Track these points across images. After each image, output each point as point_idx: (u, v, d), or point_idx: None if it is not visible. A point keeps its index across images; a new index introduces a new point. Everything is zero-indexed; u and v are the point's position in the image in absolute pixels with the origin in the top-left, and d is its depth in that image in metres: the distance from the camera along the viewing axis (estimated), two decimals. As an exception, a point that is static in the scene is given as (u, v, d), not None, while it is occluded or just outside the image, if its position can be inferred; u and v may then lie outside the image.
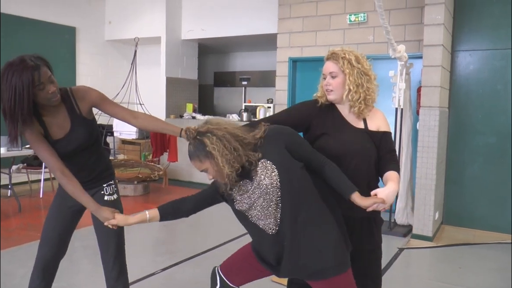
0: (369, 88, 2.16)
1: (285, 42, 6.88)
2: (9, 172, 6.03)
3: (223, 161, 1.89)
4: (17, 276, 3.81)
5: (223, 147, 1.90)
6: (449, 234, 5.36)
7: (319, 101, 2.26)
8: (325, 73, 2.22)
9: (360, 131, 2.19)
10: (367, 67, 2.18)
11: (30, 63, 2.08)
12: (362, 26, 6.23)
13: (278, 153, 1.97)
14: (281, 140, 1.99)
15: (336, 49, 2.21)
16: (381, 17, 4.22)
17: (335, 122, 2.21)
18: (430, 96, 4.98)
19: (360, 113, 2.18)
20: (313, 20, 6.59)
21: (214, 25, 8.03)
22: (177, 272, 3.98)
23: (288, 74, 6.92)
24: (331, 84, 2.17)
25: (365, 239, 2.22)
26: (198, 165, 1.97)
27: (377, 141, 2.20)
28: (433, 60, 4.94)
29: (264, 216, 1.99)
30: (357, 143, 2.16)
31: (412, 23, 5.83)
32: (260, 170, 1.97)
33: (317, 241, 1.96)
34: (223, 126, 1.96)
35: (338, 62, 2.15)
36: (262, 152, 1.97)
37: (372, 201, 1.94)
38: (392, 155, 2.20)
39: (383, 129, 2.23)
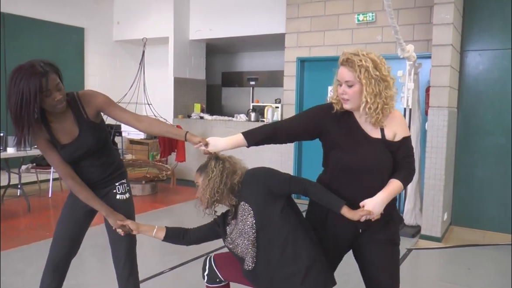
0: (388, 96, 2.03)
1: (293, 42, 6.87)
2: (19, 171, 6.07)
3: (209, 185, 2.15)
4: (27, 274, 3.83)
5: (219, 177, 2.15)
6: (458, 235, 5.33)
7: (334, 107, 2.14)
8: (340, 80, 2.08)
9: (376, 142, 2.09)
10: (386, 72, 2.03)
11: (39, 69, 2.09)
12: (371, 25, 6.20)
13: (256, 196, 2.14)
14: (258, 182, 2.16)
15: (351, 52, 2.04)
16: (390, 17, 4.20)
17: (351, 131, 2.12)
18: (439, 97, 4.95)
19: (377, 123, 2.07)
20: (321, 20, 6.58)
21: (222, 25, 8.03)
22: (185, 272, 3.99)
23: (296, 74, 6.92)
24: (347, 93, 2.04)
25: (381, 231, 2.16)
26: (197, 177, 2.25)
27: (395, 149, 2.10)
28: (442, 60, 4.91)
29: (244, 253, 2.18)
30: (373, 156, 2.07)
31: (421, 22, 5.80)
32: (240, 212, 2.17)
33: (291, 281, 2.08)
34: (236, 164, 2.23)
35: (354, 71, 2.00)
36: (241, 196, 2.17)
37: (359, 214, 2.02)
38: (406, 160, 2.12)
39: (400, 134, 2.11)
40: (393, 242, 2.20)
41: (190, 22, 8.47)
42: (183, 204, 6.63)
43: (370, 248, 2.19)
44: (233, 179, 2.18)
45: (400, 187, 2.08)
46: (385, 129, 2.10)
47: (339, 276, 2.40)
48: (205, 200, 2.18)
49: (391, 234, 2.19)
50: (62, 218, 2.53)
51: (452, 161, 5.45)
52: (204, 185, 2.18)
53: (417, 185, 5.36)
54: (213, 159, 2.22)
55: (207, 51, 9.11)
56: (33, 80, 2.06)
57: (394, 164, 2.12)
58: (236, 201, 2.19)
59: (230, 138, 2.20)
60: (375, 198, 2.04)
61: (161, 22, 8.27)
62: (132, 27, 8.72)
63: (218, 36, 8.18)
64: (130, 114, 2.38)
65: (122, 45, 9.18)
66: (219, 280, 2.44)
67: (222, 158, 2.23)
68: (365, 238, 2.18)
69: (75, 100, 2.32)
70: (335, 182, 2.14)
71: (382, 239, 2.17)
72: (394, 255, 2.22)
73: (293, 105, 6.99)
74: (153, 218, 5.84)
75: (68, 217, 2.52)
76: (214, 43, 8.98)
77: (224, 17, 8.01)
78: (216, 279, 2.44)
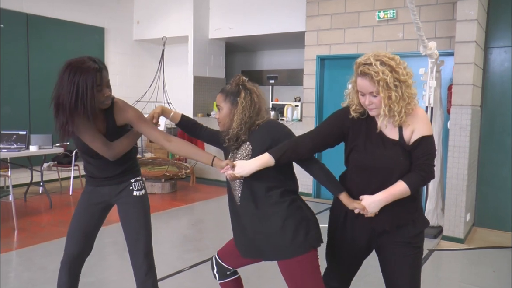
0: (409, 96, 1.98)
1: (313, 40, 6.82)
2: (41, 169, 6.17)
3: (238, 117, 2.21)
4: (49, 270, 3.89)
5: (248, 110, 2.21)
6: (481, 236, 5.22)
7: (351, 113, 2.11)
8: (362, 91, 2.02)
9: (393, 143, 2.05)
10: (405, 75, 1.97)
11: (94, 65, 2.18)
12: (392, 23, 6.12)
13: (261, 144, 2.19)
14: (270, 134, 2.21)
15: (364, 63, 1.97)
16: (412, 13, 4.13)
17: (369, 134, 2.09)
18: (462, 95, 4.85)
19: (401, 123, 2.02)
20: (341, 18, 6.52)
21: (242, 24, 8.03)
22: (205, 270, 3.99)
23: (316, 73, 6.87)
24: (374, 103, 2.00)
25: (400, 233, 2.12)
26: (220, 101, 2.31)
27: (411, 149, 2.04)
28: (466, 57, 4.81)
29: (234, 186, 2.27)
30: (388, 158, 2.04)
31: (444, 19, 5.70)
32: (241, 149, 2.25)
33: (271, 225, 2.15)
34: (261, 98, 2.30)
35: (373, 84, 1.95)
36: (250, 137, 2.22)
37: (354, 205, 2.08)
38: (421, 161, 2.02)
39: (419, 133, 2.02)
40: (412, 245, 2.13)
41: (210, 20, 8.49)
42: (202, 202, 6.64)
43: (388, 250, 2.17)
44: (257, 119, 2.23)
45: (405, 190, 2.01)
46: (404, 129, 2.04)
47: (360, 277, 2.37)
48: (230, 128, 2.24)
49: (410, 236, 2.12)
50: (75, 215, 2.56)
51: (475, 160, 5.34)
52: (231, 115, 2.24)
53: (439, 184, 5.27)
54: (242, 89, 2.26)
55: (226, 50, 9.12)
56: (90, 75, 2.15)
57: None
58: (246, 138, 2.24)
59: (257, 159, 2.14)
60: (373, 196, 2.04)
61: (181, 21, 8.31)
62: (152, 26, 8.78)
63: (238, 35, 8.18)
64: (159, 133, 2.40)
65: (142, 44, 9.26)
66: (229, 273, 2.52)
67: (250, 87, 2.28)
68: (384, 239, 2.16)
69: (111, 105, 2.38)
70: (352, 181, 2.15)
71: (401, 241, 2.12)
72: (414, 258, 2.15)
73: (313, 103, 6.95)
74: (173, 216, 5.87)
75: (83, 213, 2.55)
76: (233, 42, 8.98)
77: (243, 15, 8.00)
78: (226, 272, 2.51)
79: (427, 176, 2.04)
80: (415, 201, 2.13)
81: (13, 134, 5.72)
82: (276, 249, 2.16)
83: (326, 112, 6.97)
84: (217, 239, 4.98)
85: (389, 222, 2.09)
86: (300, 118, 7.48)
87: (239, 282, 2.59)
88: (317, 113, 6.95)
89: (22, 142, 5.68)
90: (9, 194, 4.92)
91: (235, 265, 2.50)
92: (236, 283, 2.57)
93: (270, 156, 2.11)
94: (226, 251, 2.51)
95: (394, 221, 2.09)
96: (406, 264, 2.14)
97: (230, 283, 2.55)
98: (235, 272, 2.56)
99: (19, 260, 4.21)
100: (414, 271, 2.16)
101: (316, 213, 2.36)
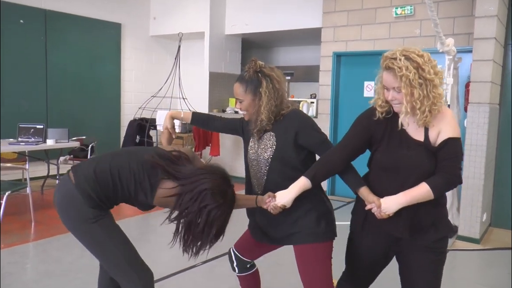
0: (436, 96, 1.91)
1: (329, 37, 6.78)
2: (57, 163, 6.25)
3: (265, 108, 2.15)
4: (65, 262, 3.95)
5: (272, 98, 2.17)
6: (498, 237, 5.14)
7: (376, 114, 2.06)
8: (386, 86, 1.98)
9: (418, 144, 1.99)
10: (432, 73, 1.91)
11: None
12: (409, 19, 6.05)
13: (285, 134, 2.18)
14: (294, 124, 2.18)
15: (390, 57, 1.94)
16: (430, 9, 4.08)
17: (393, 134, 2.04)
18: (480, 92, 4.77)
19: (425, 124, 1.97)
20: (358, 14, 6.46)
21: (258, 20, 8.01)
22: (217, 266, 4.00)
23: (332, 69, 6.83)
24: (397, 99, 1.95)
25: (421, 237, 2.04)
26: (240, 92, 2.24)
27: (436, 151, 1.98)
28: (484, 54, 4.73)
29: (255, 176, 2.28)
30: (412, 160, 1.98)
31: (462, 15, 5.62)
32: (265, 139, 2.23)
33: (296, 213, 2.18)
34: (282, 82, 2.23)
35: (396, 79, 1.91)
36: (274, 126, 2.20)
37: (371, 201, 2.03)
38: (445, 163, 1.95)
39: (445, 134, 1.95)
40: (433, 250, 2.05)
41: (226, 17, 8.49)
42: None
43: (407, 255, 2.11)
44: (281, 107, 2.20)
45: (427, 193, 1.94)
46: (430, 130, 1.98)
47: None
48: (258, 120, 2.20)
49: (431, 241, 2.04)
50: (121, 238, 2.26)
51: (492, 159, 5.25)
52: (256, 106, 2.20)
53: (456, 183, 5.19)
54: (262, 76, 2.20)
55: (242, 46, 9.11)
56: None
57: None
58: (270, 128, 2.22)
59: (294, 185, 2.11)
60: (392, 197, 1.99)
61: (197, 17, 8.32)
62: (168, 22, 8.81)
63: (254, 31, 8.16)
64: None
65: (158, 40, 9.30)
66: (249, 266, 2.54)
67: (269, 73, 2.22)
68: (403, 245, 2.10)
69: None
70: (373, 183, 2.10)
71: (420, 245, 2.05)
72: (433, 264, 2.07)
73: (328, 100, 6.91)
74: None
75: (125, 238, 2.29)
76: (249, 38, 8.96)
77: (260, 11, 7.98)
78: (246, 265, 2.53)
79: (452, 179, 1.96)
80: (438, 206, 2.04)
81: (31, 128, 5.80)
82: (298, 233, 2.19)
83: (342, 109, 6.93)
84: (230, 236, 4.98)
85: (407, 228, 2.02)
86: (315, 115, 7.45)
87: (257, 275, 2.61)
88: (332, 110, 6.91)
89: (39, 136, 5.76)
90: (27, 186, 5.00)
91: (253, 256, 2.52)
92: (255, 277, 2.60)
93: (306, 179, 2.11)
94: (243, 243, 2.53)
95: (412, 226, 2.02)
96: (426, 270, 2.07)
97: (250, 276, 2.57)
98: (254, 265, 2.58)
99: (35, 252, 4.28)
100: (433, 276, 2.08)
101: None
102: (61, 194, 2.18)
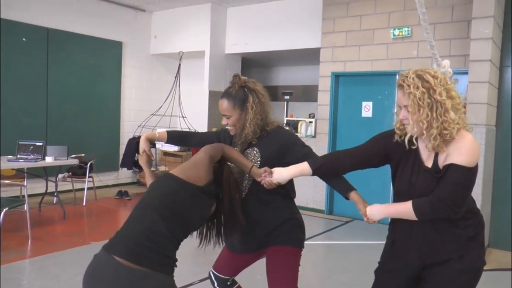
0: (447, 120, 1.82)
1: (328, 57, 6.86)
2: (55, 180, 6.26)
3: (251, 122, 2.20)
4: (61, 279, 3.93)
5: (258, 112, 2.22)
6: (496, 258, 5.13)
7: (395, 136, 2.02)
8: (399, 104, 1.95)
9: (427, 171, 1.93)
10: (444, 96, 1.83)
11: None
12: (406, 40, 6.14)
13: (269, 150, 2.24)
14: (278, 140, 2.25)
15: (403, 75, 1.91)
16: (426, 31, 4.15)
17: (408, 158, 2.00)
18: (476, 113, 4.82)
19: (435, 149, 1.89)
20: (356, 35, 6.55)
21: (258, 40, 8.11)
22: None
23: (330, 89, 6.89)
24: (407, 118, 1.90)
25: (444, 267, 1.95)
26: (228, 108, 2.26)
27: (441, 178, 1.89)
28: (480, 76, 4.79)
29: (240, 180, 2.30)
30: (419, 187, 1.93)
31: (458, 37, 5.70)
32: (248, 154, 2.27)
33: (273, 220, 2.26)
34: (266, 96, 2.30)
35: (405, 97, 1.88)
36: (259, 141, 2.26)
37: (361, 205, 2.09)
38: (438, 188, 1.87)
39: (450, 159, 1.86)
40: (455, 283, 1.95)
41: (226, 36, 8.59)
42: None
43: (427, 281, 2.03)
44: (266, 123, 2.26)
45: (409, 211, 1.89)
46: (440, 155, 1.90)
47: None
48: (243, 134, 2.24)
49: (454, 272, 1.94)
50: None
51: (490, 180, 5.27)
52: (242, 120, 2.24)
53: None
54: (248, 91, 2.25)
55: (242, 65, 9.20)
56: None
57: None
58: (255, 142, 2.27)
59: (295, 166, 2.16)
60: (378, 206, 2.05)
61: (197, 36, 8.42)
62: (169, 41, 8.91)
63: (254, 51, 8.26)
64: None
65: (159, 58, 9.39)
66: (230, 283, 2.55)
67: (253, 88, 2.28)
68: (425, 273, 2.03)
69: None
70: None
71: (442, 277, 1.96)
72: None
73: (327, 120, 6.96)
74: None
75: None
76: (249, 57, 9.06)
77: (259, 31, 8.09)
78: (227, 283, 2.54)
79: (437, 205, 1.85)
80: (460, 229, 1.93)
81: (30, 145, 5.82)
82: (277, 237, 2.27)
83: (340, 129, 6.97)
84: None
85: (425, 254, 1.97)
86: (314, 134, 7.49)
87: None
88: (331, 129, 6.95)
89: (38, 153, 5.78)
90: (25, 203, 5.00)
91: (232, 272, 2.54)
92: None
93: (309, 166, 2.13)
94: (220, 261, 2.56)
95: (429, 253, 1.96)
96: None
97: None
98: (235, 281, 2.58)
99: (31, 268, 4.26)
100: None
101: (329, 229, 2.41)
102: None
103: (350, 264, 4.72)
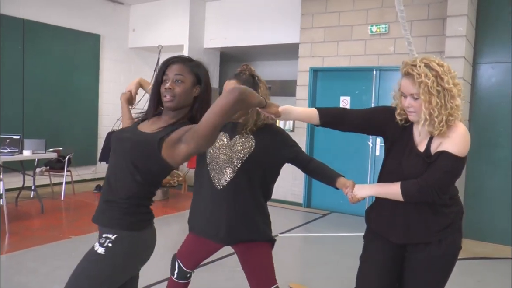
0: (453, 107, 1.89)
1: (306, 52, 6.93)
2: (33, 174, 6.18)
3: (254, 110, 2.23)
4: (40, 273, 3.91)
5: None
6: (468, 247, 5.29)
7: (395, 116, 2.07)
8: (404, 92, 1.97)
9: (418, 155, 1.99)
10: (451, 84, 1.89)
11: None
12: (384, 37, 6.25)
13: (264, 141, 2.29)
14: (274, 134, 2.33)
15: (411, 64, 1.93)
16: (403, 28, 4.25)
17: (402, 141, 2.07)
18: (450, 108, 4.95)
19: (441, 135, 1.93)
20: (335, 31, 6.64)
21: (237, 34, 8.13)
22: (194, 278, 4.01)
23: (309, 84, 6.97)
24: (413, 106, 1.94)
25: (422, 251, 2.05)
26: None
27: (431, 163, 1.96)
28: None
29: (219, 170, 2.30)
30: (410, 170, 1.99)
31: (434, 34, 5.84)
32: (242, 139, 2.30)
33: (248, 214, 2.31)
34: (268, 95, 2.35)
35: (415, 85, 1.90)
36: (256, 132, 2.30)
37: (346, 184, 2.18)
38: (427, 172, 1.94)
39: (443, 146, 1.93)
40: (434, 267, 2.05)
41: (205, 30, 8.58)
42: (193, 209, 6.66)
43: (407, 267, 2.12)
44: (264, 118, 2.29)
45: (396, 191, 1.97)
46: (433, 141, 1.97)
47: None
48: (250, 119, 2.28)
49: (432, 257, 2.04)
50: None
51: (463, 173, 5.42)
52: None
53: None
54: (258, 81, 2.35)
55: (221, 59, 9.21)
56: None
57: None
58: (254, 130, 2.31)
59: (305, 109, 2.18)
60: (366, 184, 2.21)
61: (176, 30, 8.38)
62: (147, 35, 8.85)
63: (232, 45, 8.28)
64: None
65: (137, 52, 9.32)
66: (189, 276, 2.56)
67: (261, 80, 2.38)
68: (408, 254, 2.11)
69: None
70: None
71: (421, 260, 2.06)
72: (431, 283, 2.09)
73: (305, 114, 7.02)
74: (164, 223, 5.91)
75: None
76: (228, 52, 9.07)
77: (238, 26, 8.10)
78: (187, 275, 2.55)
79: (424, 189, 1.92)
80: (441, 215, 2.03)
81: (7, 138, 5.74)
82: (256, 233, 2.34)
83: (318, 123, 7.05)
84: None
85: (405, 234, 2.05)
86: (292, 128, 7.56)
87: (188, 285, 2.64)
88: (309, 124, 7.01)
89: (15, 147, 5.70)
90: (1, 198, 4.94)
91: (194, 264, 2.55)
92: (186, 286, 2.62)
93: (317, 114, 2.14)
94: (184, 253, 2.56)
95: (410, 234, 2.04)
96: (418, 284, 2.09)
97: (183, 286, 2.58)
98: (191, 275, 2.61)
99: (9, 263, 4.22)
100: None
101: (307, 222, 2.47)
102: None
103: (329, 256, 4.82)
